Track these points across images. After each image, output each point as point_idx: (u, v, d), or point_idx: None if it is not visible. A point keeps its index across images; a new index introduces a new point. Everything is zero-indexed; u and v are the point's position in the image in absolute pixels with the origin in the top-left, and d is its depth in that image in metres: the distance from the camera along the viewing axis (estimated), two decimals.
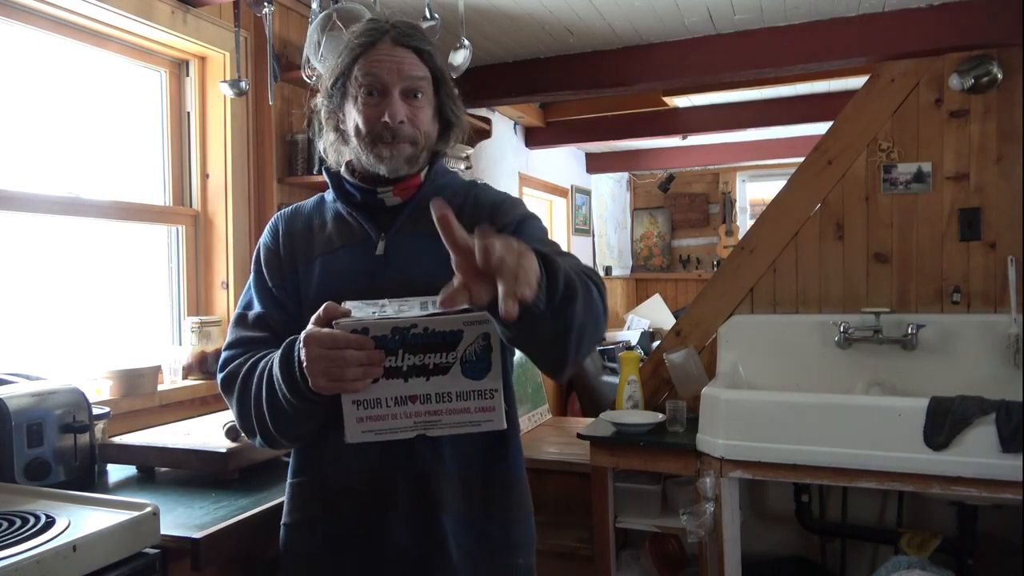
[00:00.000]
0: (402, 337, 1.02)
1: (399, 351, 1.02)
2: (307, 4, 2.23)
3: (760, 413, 2.12)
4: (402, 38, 1.23)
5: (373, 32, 1.24)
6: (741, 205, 7.01)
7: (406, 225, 1.26)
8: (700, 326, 2.78)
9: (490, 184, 1.40)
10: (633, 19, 2.73)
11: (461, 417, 1.07)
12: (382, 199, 1.26)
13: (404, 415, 1.06)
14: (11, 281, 1.94)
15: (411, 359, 1.03)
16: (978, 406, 1.94)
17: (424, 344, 1.03)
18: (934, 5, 2.53)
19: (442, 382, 1.05)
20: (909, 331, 2.43)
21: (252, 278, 1.31)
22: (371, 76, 1.21)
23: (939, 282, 2.54)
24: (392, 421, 1.05)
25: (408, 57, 1.23)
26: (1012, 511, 2.33)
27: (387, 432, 1.06)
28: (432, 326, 1.02)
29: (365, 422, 1.05)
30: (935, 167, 2.54)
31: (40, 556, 1.07)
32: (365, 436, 1.06)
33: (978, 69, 2.46)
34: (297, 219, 1.32)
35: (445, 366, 1.04)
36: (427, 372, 1.04)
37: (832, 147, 2.66)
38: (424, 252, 1.21)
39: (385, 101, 1.21)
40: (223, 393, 1.24)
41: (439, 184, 1.30)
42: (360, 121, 1.22)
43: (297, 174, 2.48)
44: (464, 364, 1.04)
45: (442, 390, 1.05)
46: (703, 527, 2.17)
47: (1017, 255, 2.44)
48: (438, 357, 1.04)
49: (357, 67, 1.22)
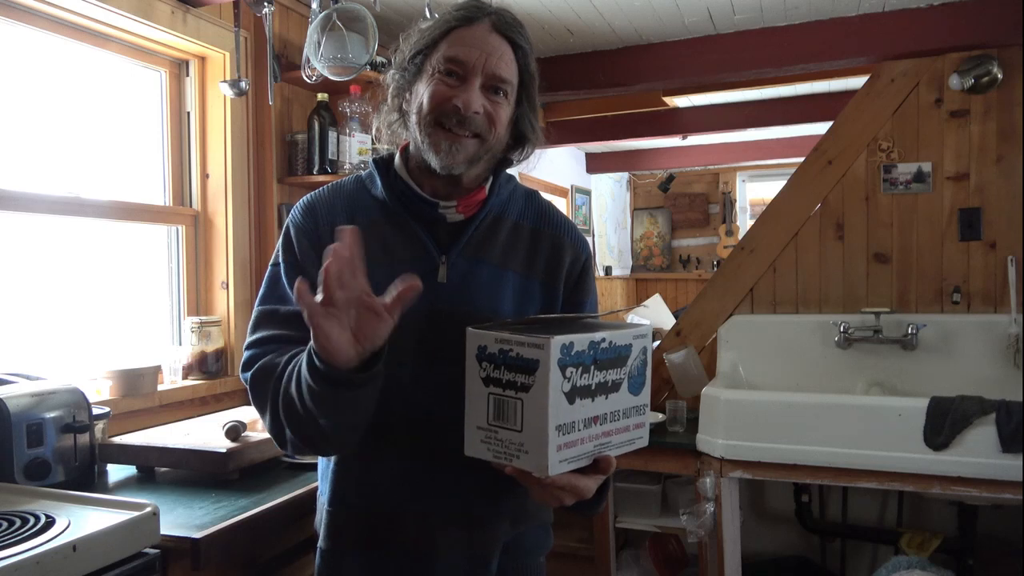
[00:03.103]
0: (595, 352, 0.94)
1: (591, 367, 0.94)
2: (307, 4, 2.23)
3: (760, 413, 2.12)
4: (503, 26, 1.11)
5: (473, 10, 1.12)
6: (741, 205, 7.01)
7: (468, 248, 1.15)
8: (700, 326, 2.78)
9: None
10: (633, 19, 2.73)
11: (624, 436, 1.01)
12: (443, 214, 1.15)
13: (589, 438, 0.96)
14: (11, 281, 1.93)
15: (599, 376, 0.95)
16: (978, 406, 1.94)
17: (608, 360, 0.97)
18: (934, 5, 2.53)
19: (616, 400, 0.98)
20: (909, 331, 2.43)
21: (283, 270, 1.16)
22: (457, 55, 1.08)
23: (939, 282, 2.54)
24: (581, 446, 0.95)
25: (503, 48, 1.11)
26: (1012, 511, 2.33)
27: (576, 459, 0.95)
28: (615, 340, 0.96)
29: (563, 450, 0.93)
30: (935, 167, 2.54)
31: (40, 556, 1.07)
32: (563, 467, 0.93)
33: (978, 69, 2.46)
34: (337, 211, 1.17)
35: (619, 383, 0.98)
36: (607, 390, 0.97)
37: (832, 147, 2.66)
38: (487, 283, 1.15)
39: (463, 86, 1.09)
40: (253, 392, 1.12)
41: (503, 199, 1.20)
42: (426, 98, 1.10)
43: (297, 174, 2.48)
44: (630, 380, 1.00)
45: (615, 408, 0.99)
46: (703, 527, 2.17)
47: (1017, 255, 2.44)
48: (616, 373, 0.98)
49: (445, 41, 1.10)
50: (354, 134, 2.46)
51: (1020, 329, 2.34)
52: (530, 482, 0.96)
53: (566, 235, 1.24)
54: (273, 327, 1.13)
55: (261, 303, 1.18)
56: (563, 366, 0.91)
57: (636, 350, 1.00)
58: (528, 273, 1.19)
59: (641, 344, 1.00)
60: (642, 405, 1.03)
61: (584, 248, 1.26)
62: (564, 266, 1.21)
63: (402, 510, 1.13)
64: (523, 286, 1.18)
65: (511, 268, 1.18)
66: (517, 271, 1.18)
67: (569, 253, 1.22)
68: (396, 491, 1.13)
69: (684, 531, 2.26)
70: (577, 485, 0.97)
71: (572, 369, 0.92)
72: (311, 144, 2.45)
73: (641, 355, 1.01)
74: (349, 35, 1.97)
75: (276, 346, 1.11)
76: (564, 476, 0.95)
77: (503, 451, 0.95)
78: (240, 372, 1.16)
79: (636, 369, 1.01)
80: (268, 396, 1.08)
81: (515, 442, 0.93)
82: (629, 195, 7.34)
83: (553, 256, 1.21)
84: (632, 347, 0.99)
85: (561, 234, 1.23)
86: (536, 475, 0.93)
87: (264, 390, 1.09)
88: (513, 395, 0.93)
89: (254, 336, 1.15)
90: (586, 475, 0.98)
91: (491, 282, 1.15)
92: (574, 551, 2.62)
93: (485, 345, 0.96)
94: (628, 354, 0.99)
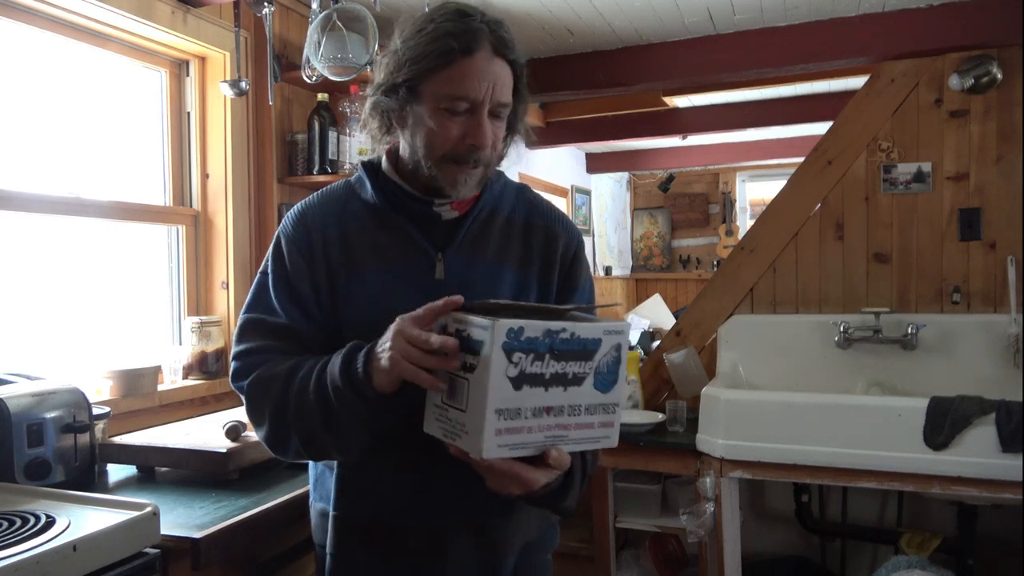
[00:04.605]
0: (551, 341, 0.93)
1: (546, 356, 0.93)
2: (307, 4, 2.23)
3: (760, 413, 2.12)
4: (502, 48, 1.09)
5: (471, 35, 1.06)
6: (741, 205, 7.01)
7: (464, 244, 1.17)
8: (700, 326, 2.78)
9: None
10: (633, 19, 2.73)
11: (585, 433, 1.00)
12: (438, 212, 1.16)
13: (538, 428, 0.95)
14: (11, 281, 1.93)
15: (555, 366, 0.94)
16: (978, 406, 1.94)
17: (569, 351, 0.95)
18: (934, 5, 2.53)
19: (576, 394, 0.97)
20: (909, 331, 2.43)
21: (271, 280, 1.16)
22: (464, 90, 1.06)
23: (939, 282, 2.53)
24: (527, 435, 0.95)
25: (505, 73, 1.09)
26: (1012, 511, 2.33)
27: (519, 447, 0.95)
28: (578, 332, 0.95)
29: (503, 435, 0.93)
30: (935, 167, 2.54)
31: (40, 556, 1.07)
32: (501, 451, 0.93)
33: (978, 69, 2.46)
34: (329, 219, 1.17)
35: (582, 377, 0.97)
36: (566, 382, 0.96)
37: (832, 147, 2.66)
38: (483, 279, 1.16)
39: (472, 120, 1.08)
40: (249, 403, 1.13)
41: (496, 195, 1.22)
42: (439, 135, 1.08)
43: (297, 174, 2.48)
44: (597, 376, 0.98)
45: (575, 402, 0.97)
46: (703, 527, 2.17)
47: (1017, 255, 2.44)
48: (577, 366, 0.96)
49: (447, 71, 1.06)
50: (354, 134, 2.46)
51: (1020, 329, 2.34)
52: (473, 463, 0.96)
53: (557, 224, 1.25)
54: (261, 338, 1.14)
55: (248, 311, 1.18)
56: (509, 350, 0.91)
57: (607, 346, 0.97)
58: (523, 267, 1.20)
59: (614, 340, 0.98)
60: (611, 404, 1.00)
61: (575, 235, 1.28)
62: (558, 254, 1.23)
63: (411, 516, 1.14)
64: (519, 280, 1.20)
65: (507, 263, 1.19)
66: (513, 266, 1.20)
67: (562, 241, 1.24)
68: (405, 497, 1.14)
69: (684, 531, 2.26)
70: (520, 474, 0.96)
71: (521, 355, 0.92)
72: (311, 144, 2.45)
73: (613, 352, 0.98)
74: (349, 35, 1.97)
75: (266, 356, 1.12)
76: (506, 463, 0.94)
77: (451, 430, 0.96)
78: (231, 381, 1.17)
79: (606, 366, 0.98)
80: (269, 405, 1.09)
81: (460, 422, 0.94)
82: (629, 195, 7.34)
83: (547, 246, 1.22)
84: (601, 342, 0.97)
85: (553, 224, 1.25)
86: (472, 456, 0.93)
87: (264, 400, 1.10)
88: (462, 375, 0.95)
89: (242, 346, 1.15)
90: (536, 467, 0.98)
91: (488, 278, 1.17)
92: (574, 551, 2.62)
93: (445, 323, 0.98)
94: (596, 349, 0.97)
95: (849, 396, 2.29)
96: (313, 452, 1.11)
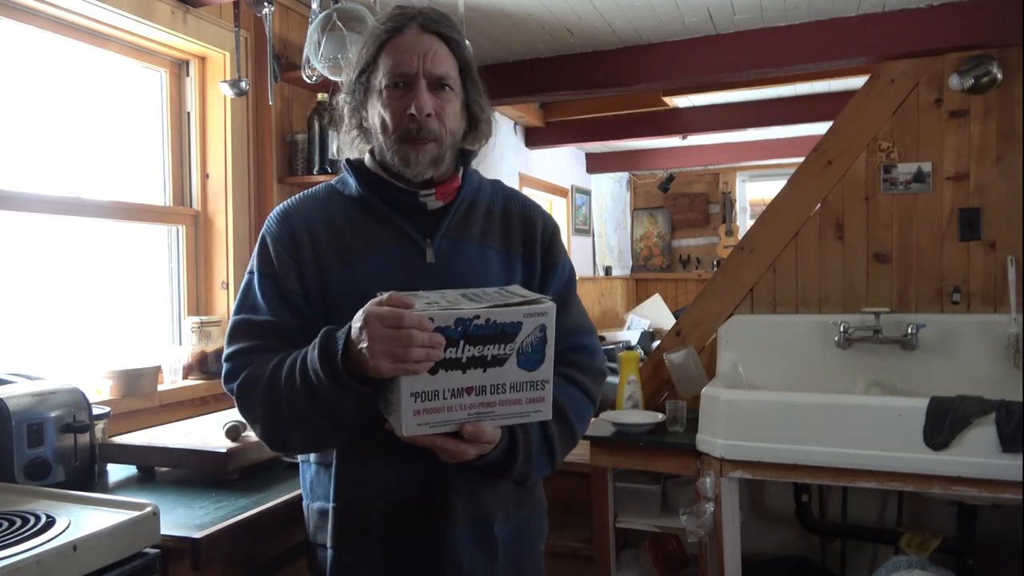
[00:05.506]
0: (464, 328, 1.00)
1: (460, 342, 1.01)
2: (307, 4, 2.23)
3: (760, 413, 2.12)
4: (430, 24, 1.18)
5: (399, 18, 1.18)
6: (741, 205, 7.01)
7: (451, 231, 1.22)
8: (700, 326, 2.78)
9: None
10: (633, 19, 2.73)
11: (512, 408, 1.07)
12: (424, 202, 1.21)
13: (460, 407, 1.04)
14: (11, 281, 1.93)
15: (471, 350, 1.02)
16: (978, 406, 1.94)
17: (485, 336, 1.02)
18: (934, 5, 2.53)
19: (498, 373, 1.04)
20: (909, 331, 2.43)
21: (257, 279, 1.20)
22: (397, 66, 1.15)
23: (939, 282, 2.54)
24: (447, 413, 1.04)
25: (436, 45, 1.17)
26: (1012, 511, 2.33)
27: (441, 424, 1.04)
28: (494, 317, 1.01)
29: (422, 415, 1.02)
30: (935, 167, 2.54)
31: (40, 556, 1.07)
32: (420, 429, 1.03)
33: (978, 69, 2.46)
34: (314, 214, 1.22)
35: (503, 357, 1.04)
36: (485, 363, 1.03)
37: (832, 147, 2.66)
38: (472, 260, 1.22)
39: (411, 93, 1.15)
40: (241, 403, 1.16)
41: (474, 187, 1.28)
42: (387, 116, 1.16)
43: (297, 174, 2.48)
44: (520, 356, 1.05)
45: (498, 381, 1.05)
46: (703, 527, 2.17)
47: (1017, 255, 2.44)
48: (496, 348, 1.03)
49: (382, 57, 1.16)
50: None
51: (1020, 329, 2.34)
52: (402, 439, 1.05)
53: (533, 210, 1.34)
54: (248, 338, 1.18)
55: (236, 312, 1.22)
56: None
57: (529, 327, 1.04)
58: (507, 249, 1.27)
59: (536, 322, 1.04)
60: (540, 381, 1.07)
61: (550, 220, 1.36)
62: (537, 235, 1.30)
63: (410, 506, 1.16)
64: (505, 261, 1.26)
65: (491, 246, 1.26)
66: (497, 249, 1.26)
67: (539, 225, 1.32)
68: (404, 488, 1.16)
69: (684, 531, 2.25)
70: (444, 447, 1.06)
71: None
72: (311, 144, 2.45)
73: (538, 332, 1.05)
74: (349, 35, 1.97)
75: (253, 357, 1.16)
76: (430, 438, 1.04)
77: (386, 409, 1.07)
78: (223, 383, 1.20)
79: (529, 346, 1.05)
80: (259, 402, 1.12)
81: (392, 402, 1.04)
82: (629, 195, 7.34)
83: (526, 229, 1.29)
84: (522, 324, 1.03)
85: (529, 211, 1.33)
86: (397, 433, 1.04)
87: (254, 398, 1.13)
88: None
89: (231, 348, 1.20)
90: (462, 440, 1.06)
91: (476, 259, 1.22)
92: (574, 551, 2.62)
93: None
94: (516, 331, 1.03)
95: (849, 396, 2.29)
96: (309, 439, 1.15)
